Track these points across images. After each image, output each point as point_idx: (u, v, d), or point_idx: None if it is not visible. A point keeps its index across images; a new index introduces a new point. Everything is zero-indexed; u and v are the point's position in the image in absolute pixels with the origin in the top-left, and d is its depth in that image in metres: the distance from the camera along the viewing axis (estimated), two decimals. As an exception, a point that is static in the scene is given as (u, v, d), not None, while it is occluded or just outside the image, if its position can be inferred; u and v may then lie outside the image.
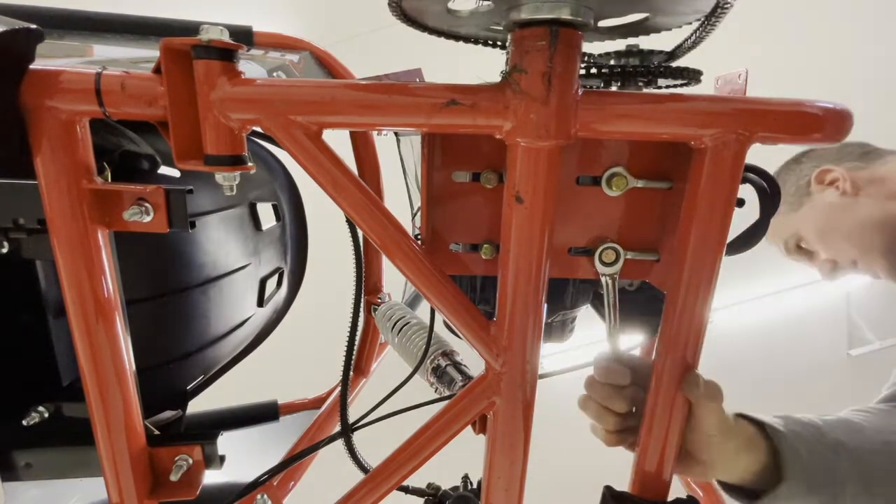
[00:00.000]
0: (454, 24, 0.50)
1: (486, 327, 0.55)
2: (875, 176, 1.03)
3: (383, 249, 0.53)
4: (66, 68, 0.46)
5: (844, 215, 1.02)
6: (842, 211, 1.03)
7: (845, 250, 1.04)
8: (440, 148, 0.57)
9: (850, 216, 1.02)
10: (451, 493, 0.81)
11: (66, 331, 0.55)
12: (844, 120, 0.49)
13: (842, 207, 1.03)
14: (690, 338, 0.55)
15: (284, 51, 0.90)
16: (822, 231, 1.05)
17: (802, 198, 1.09)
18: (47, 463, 0.63)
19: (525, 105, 0.44)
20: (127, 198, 0.50)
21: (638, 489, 0.60)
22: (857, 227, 1.01)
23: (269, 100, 0.46)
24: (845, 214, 1.02)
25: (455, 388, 0.78)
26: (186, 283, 0.78)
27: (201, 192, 0.78)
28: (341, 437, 0.72)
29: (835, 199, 1.04)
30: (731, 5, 0.44)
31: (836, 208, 1.03)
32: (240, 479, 0.74)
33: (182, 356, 0.79)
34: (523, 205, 0.48)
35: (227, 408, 1.05)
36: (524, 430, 0.57)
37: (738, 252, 0.63)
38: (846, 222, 1.02)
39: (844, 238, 1.03)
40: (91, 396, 0.54)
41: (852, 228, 1.01)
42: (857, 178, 1.03)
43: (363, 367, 1.19)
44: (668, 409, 0.57)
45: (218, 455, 0.63)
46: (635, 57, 0.54)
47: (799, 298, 3.28)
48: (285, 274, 1.06)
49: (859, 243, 1.01)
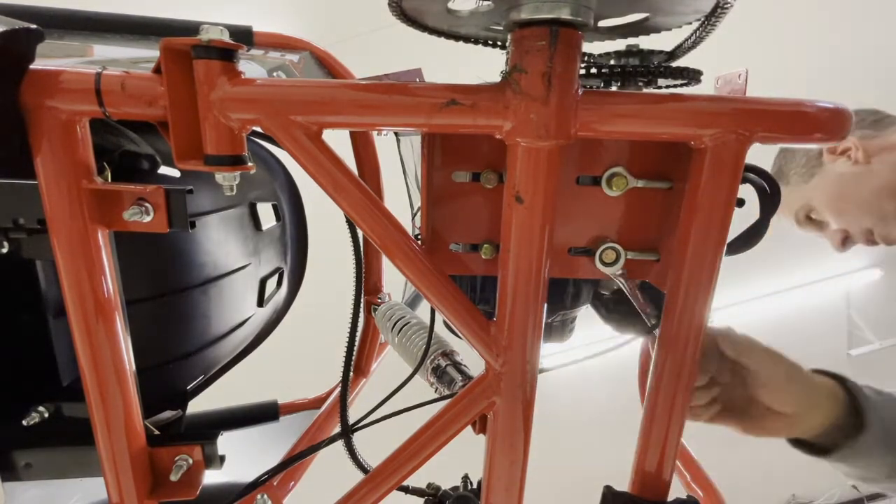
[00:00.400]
0: (454, 24, 0.50)
1: (486, 327, 0.55)
2: (887, 143, 1.02)
3: (383, 249, 0.53)
4: (66, 68, 0.46)
5: (858, 184, 1.01)
6: (855, 180, 1.02)
7: (859, 219, 1.03)
8: (440, 148, 0.57)
9: (863, 184, 1.01)
10: (451, 493, 0.81)
11: (66, 331, 0.55)
12: (844, 120, 0.49)
13: (855, 176, 1.02)
14: (690, 338, 0.55)
15: (284, 51, 0.90)
16: (835, 201, 1.05)
17: (814, 168, 1.08)
18: (47, 463, 0.63)
19: (525, 105, 0.44)
20: (127, 198, 0.50)
21: (638, 489, 0.60)
22: (872, 194, 1.00)
23: (269, 100, 0.47)
24: (859, 183, 1.01)
25: (455, 388, 0.78)
26: (186, 283, 0.78)
27: (201, 192, 0.78)
28: (341, 438, 0.72)
29: (847, 169, 1.03)
30: (731, 5, 0.44)
31: (849, 177, 1.03)
32: (240, 479, 0.74)
33: (182, 356, 0.79)
34: (523, 205, 0.48)
35: (227, 408, 1.05)
36: (524, 430, 0.57)
37: (738, 252, 0.63)
38: (860, 191, 1.01)
39: (858, 206, 1.02)
40: (91, 396, 0.54)
41: (866, 196, 1.01)
42: (868, 147, 1.02)
43: (363, 367, 1.19)
44: (668, 409, 0.57)
45: (218, 455, 0.63)
46: (635, 57, 0.54)
47: (799, 298, 3.28)
48: (285, 274, 1.06)
49: (876, 210, 1.00)
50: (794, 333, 3.17)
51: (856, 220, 1.04)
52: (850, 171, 1.03)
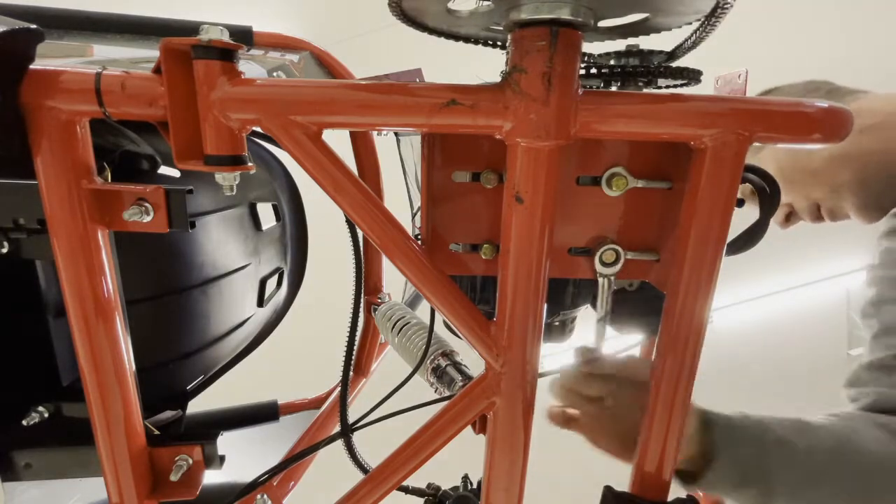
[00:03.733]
0: (454, 24, 0.50)
1: (486, 327, 0.55)
2: None
3: (383, 249, 0.53)
4: (66, 68, 0.46)
5: (811, 153, 0.97)
6: (808, 149, 0.96)
7: (809, 190, 0.99)
8: (440, 148, 0.57)
9: (817, 152, 0.97)
10: (451, 493, 0.81)
11: (66, 331, 0.55)
12: (844, 119, 0.49)
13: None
14: (690, 338, 0.55)
15: (284, 51, 0.90)
16: (786, 171, 1.01)
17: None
18: (47, 463, 0.63)
19: (525, 105, 0.44)
20: (127, 198, 0.50)
21: (638, 489, 0.60)
22: (825, 162, 0.96)
23: (269, 100, 0.46)
24: (811, 152, 0.97)
25: (455, 388, 0.78)
26: (186, 283, 0.78)
27: (201, 192, 0.78)
28: (341, 437, 0.72)
29: None
30: (731, 5, 0.44)
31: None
32: (240, 479, 0.74)
33: (182, 356, 0.79)
34: (523, 205, 0.48)
35: (227, 408, 1.05)
36: (524, 430, 0.57)
37: (738, 252, 0.63)
38: (814, 159, 0.97)
39: (811, 175, 0.98)
40: (91, 396, 0.54)
41: (820, 164, 0.97)
42: None
43: (363, 367, 1.19)
44: (668, 409, 0.57)
45: (218, 455, 0.63)
46: (635, 57, 0.54)
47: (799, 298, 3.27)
48: (285, 274, 1.06)
49: (828, 180, 0.96)
50: (794, 333, 3.17)
51: (805, 191, 1.00)
52: None
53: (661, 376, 0.56)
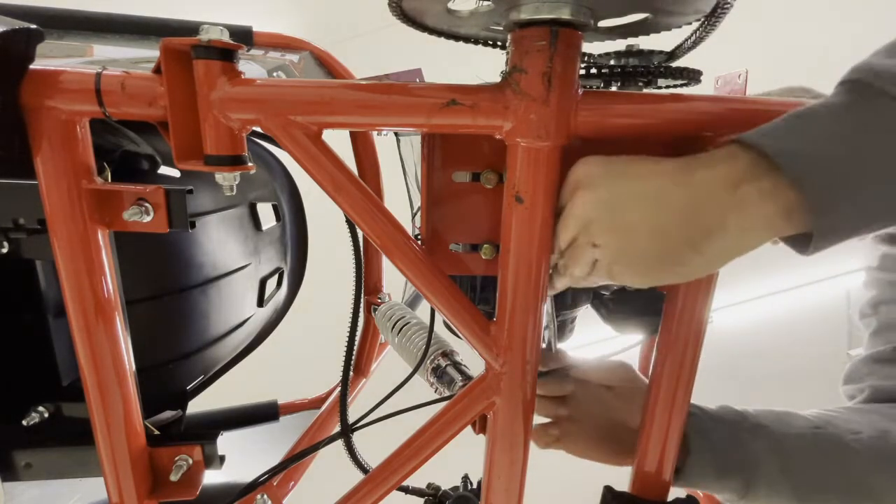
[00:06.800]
0: (454, 24, 0.50)
1: (486, 327, 0.55)
2: None
3: (383, 249, 0.53)
4: (66, 68, 0.46)
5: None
6: None
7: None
8: (440, 148, 0.57)
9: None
10: (451, 493, 0.81)
11: (66, 331, 0.55)
12: (844, 120, 0.49)
13: None
14: (690, 338, 0.55)
15: (284, 51, 0.90)
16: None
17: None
18: (47, 463, 0.63)
19: (525, 105, 0.44)
20: (127, 198, 0.50)
21: (638, 489, 0.60)
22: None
23: (269, 100, 0.47)
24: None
25: (455, 388, 0.78)
26: (186, 283, 0.78)
27: (201, 192, 0.78)
28: (341, 437, 0.72)
29: None
30: (731, 5, 0.44)
31: None
32: (240, 479, 0.74)
33: (182, 356, 0.79)
34: (523, 205, 0.48)
35: (227, 408, 1.05)
36: (524, 430, 0.57)
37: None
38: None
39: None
40: (91, 396, 0.54)
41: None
42: None
43: (363, 367, 1.19)
44: (668, 409, 0.57)
45: (218, 455, 0.63)
46: (635, 57, 0.54)
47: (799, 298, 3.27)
48: (285, 274, 1.06)
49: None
50: (795, 333, 3.17)
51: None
52: None
53: (661, 376, 0.56)
